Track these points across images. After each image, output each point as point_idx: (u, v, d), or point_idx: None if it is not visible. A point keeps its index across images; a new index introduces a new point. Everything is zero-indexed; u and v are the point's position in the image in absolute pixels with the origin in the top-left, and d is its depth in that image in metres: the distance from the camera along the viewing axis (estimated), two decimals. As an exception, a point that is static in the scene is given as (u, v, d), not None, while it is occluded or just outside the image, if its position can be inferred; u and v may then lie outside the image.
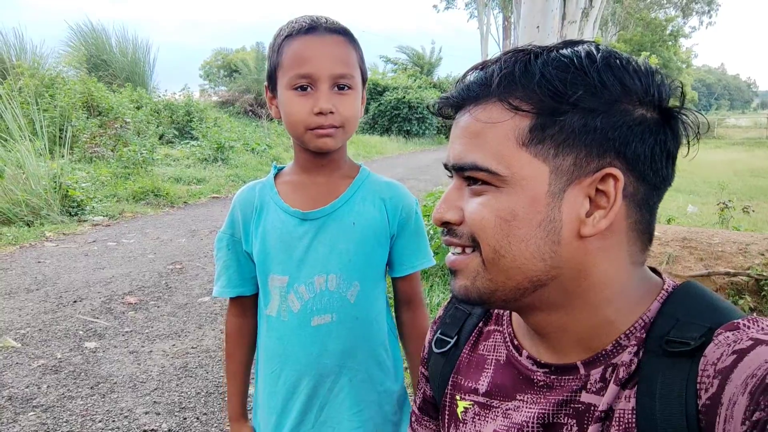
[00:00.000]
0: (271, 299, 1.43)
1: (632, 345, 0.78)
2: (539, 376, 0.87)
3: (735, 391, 0.63)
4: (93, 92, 14.75)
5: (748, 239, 5.45)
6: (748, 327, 0.71)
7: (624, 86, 0.75)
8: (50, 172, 8.64)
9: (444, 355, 1.05)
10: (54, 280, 5.70)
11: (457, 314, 1.08)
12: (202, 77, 33.01)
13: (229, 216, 1.49)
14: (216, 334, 4.45)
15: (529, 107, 0.75)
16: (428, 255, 1.51)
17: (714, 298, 0.79)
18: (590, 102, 0.74)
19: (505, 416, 0.90)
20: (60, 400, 3.45)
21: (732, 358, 0.66)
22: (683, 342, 0.72)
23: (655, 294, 0.82)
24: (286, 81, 1.31)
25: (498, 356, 0.95)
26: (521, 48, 0.80)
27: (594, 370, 0.81)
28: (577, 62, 0.75)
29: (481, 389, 0.95)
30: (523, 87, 0.76)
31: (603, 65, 0.74)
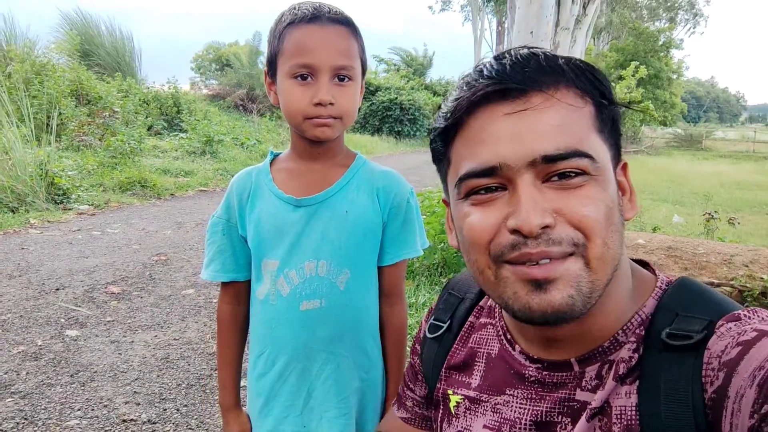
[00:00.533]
0: (262, 283, 1.43)
1: (631, 341, 0.78)
2: (531, 372, 0.86)
3: (742, 383, 0.62)
4: (83, 81, 14.64)
5: (733, 250, 5.49)
6: (749, 318, 0.71)
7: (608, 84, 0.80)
8: (37, 159, 8.57)
9: (437, 340, 1.05)
10: (37, 267, 5.65)
11: (450, 299, 1.08)
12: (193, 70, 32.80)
13: (225, 201, 1.48)
14: (199, 326, 4.42)
15: (590, 96, 0.76)
16: (414, 245, 1.49)
17: (710, 291, 0.79)
18: (611, 98, 0.78)
19: (495, 411, 0.89)
20: (39, 387, 3.41)
21: (737, 350, 0.65)
22: (685, 335, 0.72)
23: (650, 289, 0.82)
24: (287, 69, 1.30)
25: (490, 349, 0.95)
26: (526, 46, 0.79)
27: (589, 368, 0.80)
28: (581, 60, 0.78)
29: (473, 383, 0.94)
30: (579, 77, 0.76)
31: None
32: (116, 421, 3.10)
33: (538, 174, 0.73)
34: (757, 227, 11.44)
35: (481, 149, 0.75)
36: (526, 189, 0.72)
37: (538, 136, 0.72)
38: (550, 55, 0.76)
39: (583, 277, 0.72)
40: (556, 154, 0.72)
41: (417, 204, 1.52)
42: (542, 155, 0.72)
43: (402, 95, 26.82)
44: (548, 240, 0.71)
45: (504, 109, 0.74)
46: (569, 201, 0.72)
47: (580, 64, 0.77)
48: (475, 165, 0.76)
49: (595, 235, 0.72)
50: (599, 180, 0.74)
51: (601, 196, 0.73)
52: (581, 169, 0.72)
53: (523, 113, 0.73)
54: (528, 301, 0.73)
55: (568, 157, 0.72)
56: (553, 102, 0.73)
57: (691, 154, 35.21)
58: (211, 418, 3.16)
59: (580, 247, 0.72)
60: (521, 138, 0.72)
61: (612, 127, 0.79)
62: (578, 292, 0.72)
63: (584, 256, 0.72)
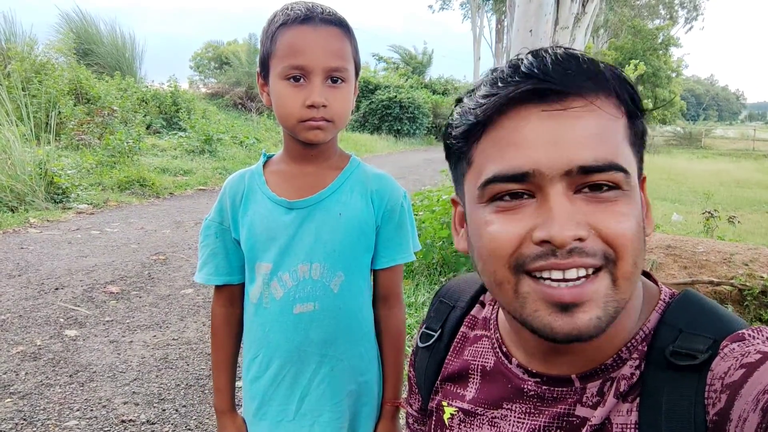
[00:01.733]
0: (255, 285, 1.43)
1: (633, 358, 0.76)
2: (530, 386, 0.84)
3: (746, 407, 0.61)
4: (81, 80, 14.63)
5: (733, 249, 5.49)
6: (753, 338, 0.69)
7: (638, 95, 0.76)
8: (36, 159, 8.57)
9: (428, 349, 1.03)
10: (36, 267, 5.64)
11: (441, 308, 1.06)
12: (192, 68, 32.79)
13: (218, 204, 1.47)
14: (198, 326, 4.42)
15: (625, 107, 0.73)
16: (409, 250, 1.49)
17: (714, 306, 0.77)
18: (642, 109, 0.75)
19: (492, 424, 0.87)
20: (38, 388, 3.41)
21: (740, 373, 0.64)
22: (690, 355, 0.70)
23: (653, 303, 0.80)
24: (279, 70, 1.30)
25: (485, 362, 0.93)
26: (562, 46, 0.75)
27: (591, 384, 0.78)
28: (617, 68, 0.74)
29: (468, 396, 0.93)
30: (618, 86, 0.72)
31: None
32: (115, 422, 3.09)
33: (570, 184, 0.69)
34: (757, 226, 11.44)
35: (513, 152, 0.70)
36: (559, 199, 0.69)
37: (576, 144, 0.68)
38: (591, 59, 0.72)
39: (611, 296, 0.70)
40: (594, 165, 0.68)
41: (410, 207, 1.51)
42: (579, 165, 0.68)
43: (401, 93, 26.80)
44: (581, 252, 0.68)
45: (542, 111, 0.70)
46: (603, 216, 0.69)
47: (619, 73, 0.73)
48: (504, 168, 0.71)
49: (627, 254, 0.69)
50: (630, 195, 0.71)
51: (633, 213, 0.71)
52: (615, 182, 0.69)
53: (562, 118, 0.69)
54: (550, 322, 0.70)
55: (604, 169, 0.68)
56: (593, 109, 0.70)
57: (691, 152, 35.21)
58: (210, 418, 3.16)
59: (610, 263, 0.69)
60: (558, 144, 0.68)
61: (641, 139, 0.77)
62: (605, 313, 0.69)
63: (612, 273, 0.69)
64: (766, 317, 4.57)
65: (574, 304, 0.69)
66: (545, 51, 0.72)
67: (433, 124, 27.79)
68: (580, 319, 0.69)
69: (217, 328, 1.52)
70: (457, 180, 0.84)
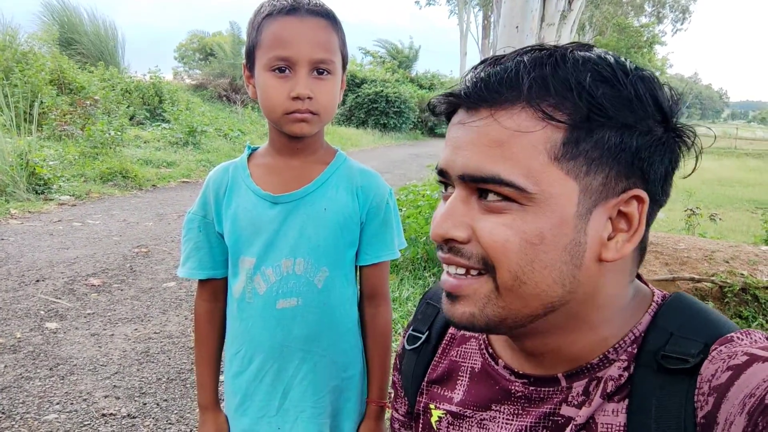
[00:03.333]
0: (239, 280, 1.41)
1: (622, 359, 0.76)
2: (517, 387, 0.84)
3: (732, 410, 0.61)
4: (64, 69, 14.45)
5: (714, 246, 5.54)
6: (741, 340, 0.69)
7: (657, 102, 0.71)
8: (17, 149, 8.45)
9: (416, 352, 1.02)
10: (17, 258, 5.58)
11: (428, 310, 1.05)
12: (177, 59, 32.50)
13: (201, 197, 1.45)
14: (180, 320, 4.40)
15: (563, 117, 0.68)
16: (393, 248, 1.48)
17: (705, 309, 0.77)
18: (627, 117, 0.69)
19: (481, 426, 0.87)
20: (17, 381, 3.38)
21: (727, 375, 0.64)
22: (681, 359, 0.70)
23: (645, 306, 0.80)
24: (265, 62, 1.28)
25: (473, 364, 0.92)
26: (537, 46, 0.73)
27: (577, 383, 0.78)
28: (610, 71, 0.69)
29: (456, 398, 0.92)
30: (557, 93, 0.68)
31: (636, 77, 0.70)
32: (95, 415, 3.07)
33: (470, 188, 0.72)
34: (738, 223, 11.57)
35: (444, 148, 0.77)
36: (452, 200, 0.74)
37: (467, 152, 0.71)
38: (531, 66, 0.69)
39: (491, 300, 0.72)
40: (475, 175, 0.70)
41: (395, 204, 1.51)
42: (462, 173, 0.72)
43: (388, 88, 26.72)
44: (458, 252, 0.73)
45: (459, 117, 0.75)
46: (482, 222, 0.71)
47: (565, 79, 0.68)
48: (438, 162, 0.78)
49: (501, 265, 0.70)
50: (528, 210, 0.69)
51: (524, 227, 0.69)
52: (504, 194, 0.69)
53: (467, 127, 0.72)
54: (443, 302, 0.79)
55: (487, 180, 0.69)
56: (490, 122, 0.70)
57: (673, 149, 35.36)
58: (192, 412, 3.14)
59: (491, 270, 0.71)
60: (457, 150, 0.73)
61: (609, 152, 0.69)
62: (481, 313, 0.73)
63: (494, 280, 0.71)
64: (746, 314, 4.63)
65: (453, 295, 0.75)
66: (499, 58, 0.74)
67: (419, 119, 27.76)
68: (456, 310, 0.75)
69: (200, 323, 1.51)
70: None
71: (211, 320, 1.50)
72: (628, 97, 0.69)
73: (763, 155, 32.85)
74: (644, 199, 0.72)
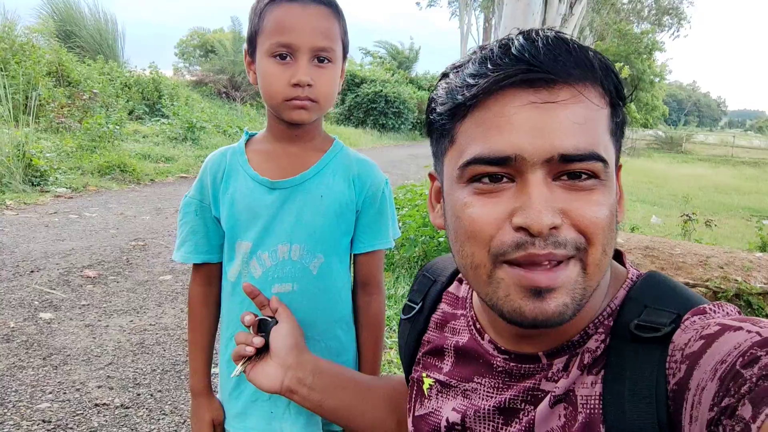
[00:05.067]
0: (233, 264, 1.42)
1: (599, 332, 0.78)
2: (499, 362, 0.87)
3: (704, 376, 0.63)
4: (63, 62, 14.42)
5: (709, 252, 5.57)
6: (714, 311, 0.72)
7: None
8: (14, 140, 8.43)
9: (410, 321, 1.07)
10: (12, 249, 5.57)
11: (424, 281, 1.10)
12: (177, 55, 32.48)
13: (198, 181, 1.46)
14: (176, 312, 4.39)
15: (609, 96, 0.74)
16: (388, 237, 1.49)
17: (678, 285, 0.80)
18: (625, 99, 0.76)
19: (464, 396, 0.90)
20: (10, 370, 3.37)
21: (700, 344, 0.66)
22: (653, 327, 0.72)
23: (621, 282, 0.83)
24: (266, 48, 1.28)
25: (460, 339, 0.96)
26: (547, 29, 0.74)
27: (557, 360, 0.81)
28: (603, 56, 0.74)
29: (444, 369, 0.96)
30: (606, 75, 0.73)
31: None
32: (89, 405, 3.07)
33: (550, 171, 0.70)
34: (734, 230, 11.62)
35: (497, 135, 0.70)
36: (538, 186, 0.69)
37: (560, 132, 0.68)
38: (581, 46, 0.72)
39: (579, 283, 0.71)
40: (575, 154, 0.69)
41: (391, 194, 1.51)
42: (561, 153, 0.68)
43: (387, 88, 26.74)
44: (555, 242, 0.69)
45: (530, 97, 0.69)
46: (578, 204, 0.70)
47: (606, 62, 0.73)
48: (486, 151, 0.71)
49: (597, 241, 0.71)
50: (607, 185, 0.72)
51: (608, 202, 0.72)
52: (594, 171, 0.70)
53: (550, 107, 0.69)
54: (521, 305, 0.71)
55: (585, 158, 0.69)
56: (581, 99, 0.70)
57: (671, 156, 35.62)
58: (185, 404, 3.14)
59: (581, 252, 0.71)
60: (543, 132, 0.69)
61: (621, 129, 0.78)
62: (572, 300, 0.71)
63: (582, 261, 0.71)
64: (739, 319, 4.63)
65: (548, 289, 0.70)
66: (536, 33, 0.71)
67: (418, 120, 27.77)
68: (548, 305, 0.70)
69: (194, 308, 1.51)
70: (437, 155, 0.84)
71: (205, 305, 1.50)
72: (620, 79, 0.75)
73: (759, 163, 33.02)
74: (621, 167, 0.81)
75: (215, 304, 1.51)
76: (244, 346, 1.15)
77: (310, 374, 1.13)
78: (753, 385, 0.57)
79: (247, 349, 1.15)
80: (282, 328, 1.18)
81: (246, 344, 1.15)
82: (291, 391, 1.12)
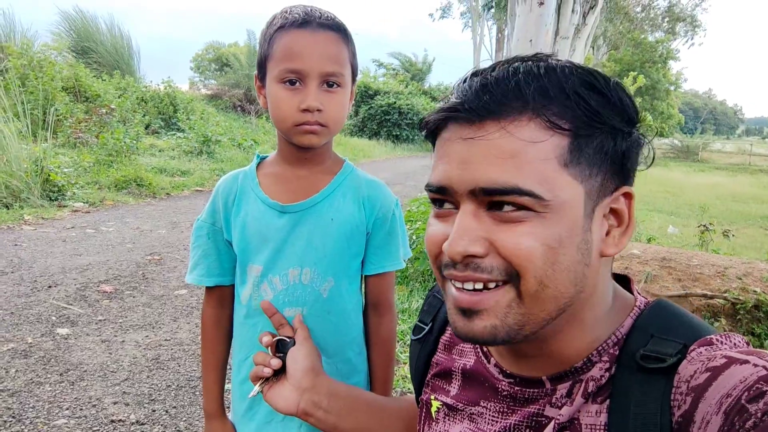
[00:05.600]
0: (246, 287, 1.42)
1: (604, 361, 0.78)
2: (504, 386, 0.87)
3: (709, 410, 0.63)
4: (80, 77, 14.62)
5: (727, 263, 5.50)
6: (721, 343, 0.71)
7: (634, 107, 0.76)
8: (32, 156, 8.55)
9: (420, 342, 1.08)
10: (30, 264, 5.63)
11: (433, 302, 1.11)
12: (192, 69, 32.83)
13: (210, 204, 1.47)
14: (191, 327, 4.41)
15: (567, 125, 0.72)
16: (398, 258, 1.49)
17: (686, 314, 0.79)
18: (616, 121, 0.74)
19: (471, 420, 0.91)
20: (28, 386, 3.40)
21: (705, 376, 0.66)
22: (659, 358, 0.72)
23: (628, 310, 0.83)
24: (276, 73, 1.29)
25: (468, 361, 0.96)
26: (516, 58, 0.76)
27: (561, 385, 0.81)
28: (592, 79, 0.74)
29: (452, 392, 0.97)
30: (558, 102, 0.72)
31: (614, 84, 0.75)
32: (104, 422, 3.08)
33: (480, 202, 0.73)
34: (752, 240, 11.48)
35: (439, 165, 0.77)
36: (462, 216, 0.74)
37: (482, 166, 0.72)
38: (528, 77, 0.72)
39: (513, 309, 0.73)
40: (494, 188, 0.71)
41: (401, 215, 1.52)
42: (480, 187, 0.72)
43: (401, 100, 26.85)
44: (476, 267, 0.73)
45: (462, 131, 0.74)
46: (503, 235, 0.72)
47: (563, 88, 0.72)
48: (431, 179, 0.79)
49: (527, 272, 0.71)
50: (545, 217, 0.71)
51: (541, 234, 0.71)
52: (521, 204, 0.71)
53: (476, 141, 0.73)
54: (455, 321, 0.78)
55: (506, 192, 0.70)
56: (504, 134, 0.71)
57: (688, 165, 35.30)
58: (200, 420, 3.15)
59: (514, 279, 0.72)
60: (467, 165, 0.73)
61: (605, 155, 0.74)
62: (503, 323, 0.74)
63: (517, 288, 0.73)
64: (758, 331, 4.58)
65: (472, 311, 0.75)
66: (485, 70, 0.76)
67: (431, 131, 27.80)
68: (476, 325, 0.75)
69: (207, 330, 1.52)
70: None
71: (218, 327, 1.51)
72: (614, 102, 0.74)
73: (778, 172, 32.59)
74: (632, 195, 0.79)
75: (228, 325, 1.52)
76: (262, 367, 1.16)
77: (325, 397, 1.13)
78: (758, 420, 0.58)
79: (265, 371, 1.15)
80: (299, 351, 1.18)
81: (264, 365, 1.16)
82: (306, 413, 1.12)
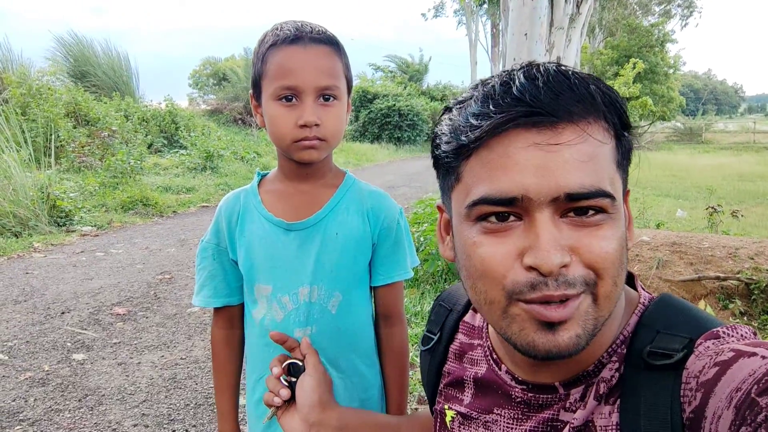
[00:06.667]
0: (258, 306, 1.42)
1: (613, 361, 0.78)
2: (517, 393, 0.86)
3: (719, 405, 0.62)
4: (80, 102, 14.69)
5: (738, 243, 5.47)
6: (728, 335, 0.71)
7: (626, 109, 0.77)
8: (37, 183, 8.60)
9: (429, 352, 1.08)
10: (42, 292, 5.65)
11: (440, 311, 1.10)
12: (191, 86, 32.95)
13: (214, 225, 1.46)
14: (205, 344, 4.41)
15: (614, 129, 0.73)
16: (406, 267, 1.48)
17: (691, 308, 0.79)
18: (630, 126, 0.76)
19: (486, 427, 0.91)
20: (47, 413, 3.41)
21: (714, 371, 0.65)
22: (666, 354, 0.71)
23: (633, 307, 0.83)
24: (271, 91, 1.29)
25: (479, 369, 0.96)
26: (534, 63, 0.74)
27: (574, 390, 0.80)
28: (606, 86, 0.74)
29: (465, 400, 0.96)
30: (609, 109, 0.72)
31: (614, 90, 0.76)
32: (125, 445, 3.08)
33: (557, 209, 0.70)
34: (761, 219, 11.41)
35: (502, 176, 0.70)
36: (545, 226, 0.69)
37: (565, 172, 0.68)
38: (582, 80, 0.71)
39: (590, 314, 0.71)
40: (581, 192, 0.68)
41: (406, 224, 1.51)
42: (566, 192, 0.68)
43: (400, 101, 26.87)
44: (566, 282, 0.69)
45: (533, 138, 0.69)
46: (587, 240, 0.70)
47: (609, 93, 0.73)
48: (492, 191, 0.71)
49: (607, 275, 0.70)
50: (615, 218, 0.72)
51: (616, 235, 0.72)
52: (601, 207, 0.70)
53: (555, 147, 0.69)
54: (534, 339, 0.71)
55: (591, 196, 0.69)
56: (585, 137, 0.70)
57: (692, 147, 35.13)
58: (220, 437, 3.14)
59: (591, 285, 0.70)
60: (547, 172, 0.68)
61: (627, 157, 0.77)
62: (584, 331, 0.71)
63: (593, 293, 0.71)
64: (774, 311, 4.55)
65: (560, 322, 0.70)
66: (537, 70, 0.72)
67: (432, 131, 27.86)
68: (561, 337, 0.70)
69: (217, 351, 1.51)
70: (444, 190, 0.84)
71: (228, 347, 1.51)
72: (624, 108, 0.75)
73: (783, 148, 32.41)
74: (629, 192, 0.82)
75: (239, 345, 1.52)
76: (273, 396, 1.15)
77: (334, 431, 1.11)
78: None
79: (275, 400, 1.15)
80: (306, 383, 1.16)
81: (274, 395, 1.15)
82: None
